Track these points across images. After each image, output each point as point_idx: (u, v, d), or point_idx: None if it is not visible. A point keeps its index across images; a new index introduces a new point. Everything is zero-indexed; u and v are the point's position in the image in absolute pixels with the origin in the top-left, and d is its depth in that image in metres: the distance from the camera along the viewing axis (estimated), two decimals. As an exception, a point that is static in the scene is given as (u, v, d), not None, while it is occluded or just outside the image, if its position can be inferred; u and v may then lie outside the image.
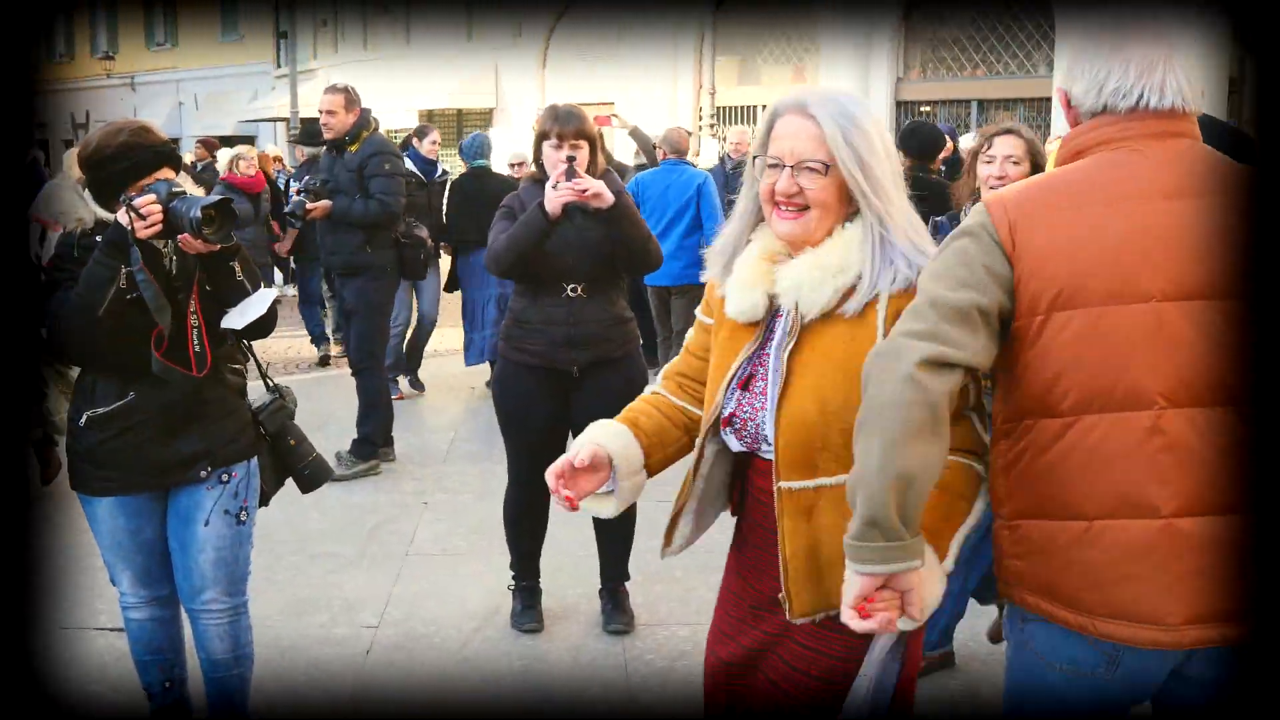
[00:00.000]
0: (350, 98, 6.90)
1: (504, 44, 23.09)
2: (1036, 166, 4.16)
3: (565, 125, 4.53)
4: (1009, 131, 4.25)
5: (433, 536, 5.82)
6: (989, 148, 4.22)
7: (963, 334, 2.02)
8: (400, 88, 22.36)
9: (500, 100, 23.61)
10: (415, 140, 9.34)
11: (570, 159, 4.37)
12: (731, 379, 2.42)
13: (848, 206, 2.34)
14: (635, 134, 10.39)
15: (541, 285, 4.46)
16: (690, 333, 2.66)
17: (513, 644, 4.56)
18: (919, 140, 6.99)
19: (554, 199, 4.30)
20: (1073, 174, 2.18)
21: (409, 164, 8.75)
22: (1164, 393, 2.03)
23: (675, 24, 20.14)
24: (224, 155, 10.22)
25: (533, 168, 4.73)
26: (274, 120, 27.11)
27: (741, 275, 2.42)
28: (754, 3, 19.69)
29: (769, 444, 2.36)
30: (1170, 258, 2.04)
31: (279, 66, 27.67)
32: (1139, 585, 2.03)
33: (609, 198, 4.32)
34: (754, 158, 2.41)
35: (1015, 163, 4.16)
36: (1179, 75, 2.17)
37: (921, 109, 18.54)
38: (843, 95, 2.36)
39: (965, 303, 2.05)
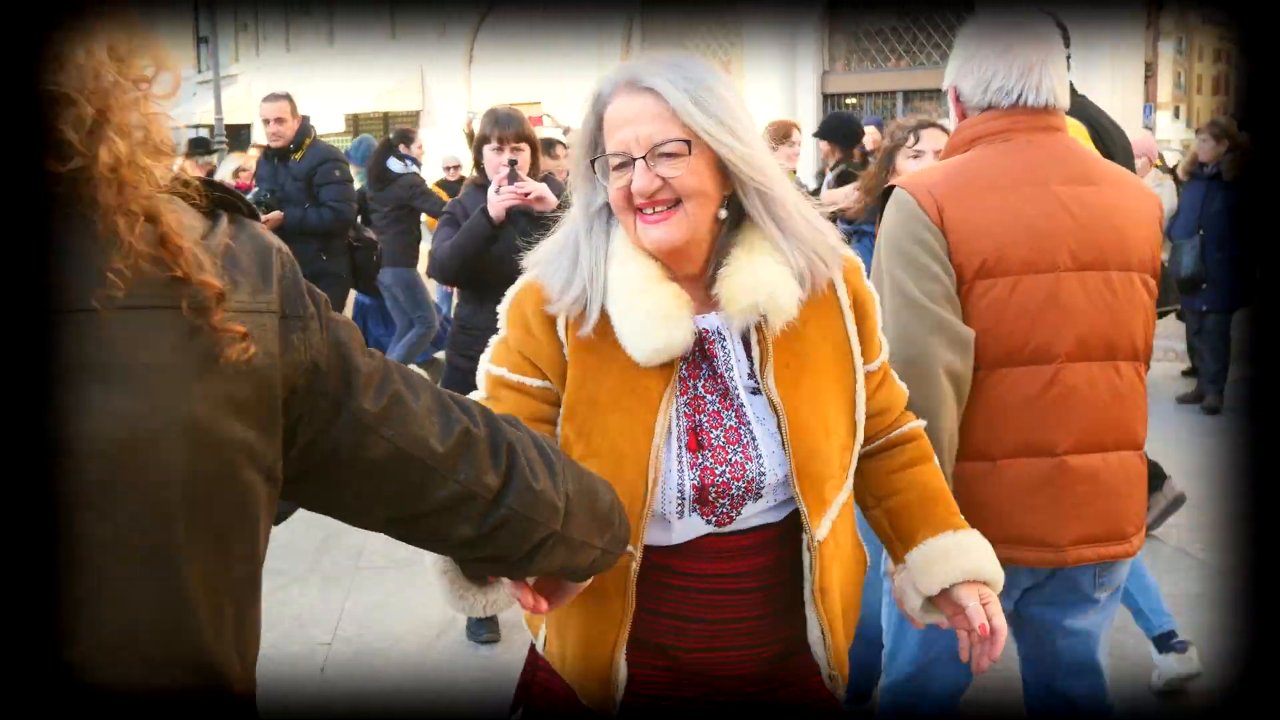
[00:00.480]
0: (293, 104, 6.88)
1: (428, 44, 22.92)
2: None
3: (505, 128, 4.50)
4: (934, 125, 3.97)
5: (383, 548, 5.74)
6: (916, 141, 3.94)
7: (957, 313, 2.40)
8: (325, 92, 22.10)
9: (427, 102, 23.44)
10: (403, 146, 9.48)
11: (512, 163, 4.34)
12: (658, 443, 1.88)
13: (723, 188, 1.89)
14: (570, 134, 10.36)
15: (488, 290, 4.41)
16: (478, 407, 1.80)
17: (471, 656, 4.51)
18: (847, 129, 7.08)
19: (497, 203, 4.26)
20: (977, 161, 2.51)
21: (409, 166, 9.16)
22: (1064, 349, 2.40)
23: (601, 20, 20.12)
24: (228, 165, 10.13)
25: (468, 172, 4.70)
26: (198, 127, 26.69)
27: (648, 306, 1.86)
28: (679, -2, 19.72)
29: (757, 498, 1.92)
30: (1072, 234, 2.41)
31: (200, 72, 27.24)
32: (1035, 514, 2.39)
33: (552, 200, 4.29)
34: (591, 161, 1.92)
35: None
36: (1052, 76, 2.50)
37: (847, 101, 18.67)
38: (677, 57, 1.89)
39: (951, 286, 2.39)
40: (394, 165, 9.03)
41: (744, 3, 18.91)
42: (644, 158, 1.82)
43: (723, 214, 1.90)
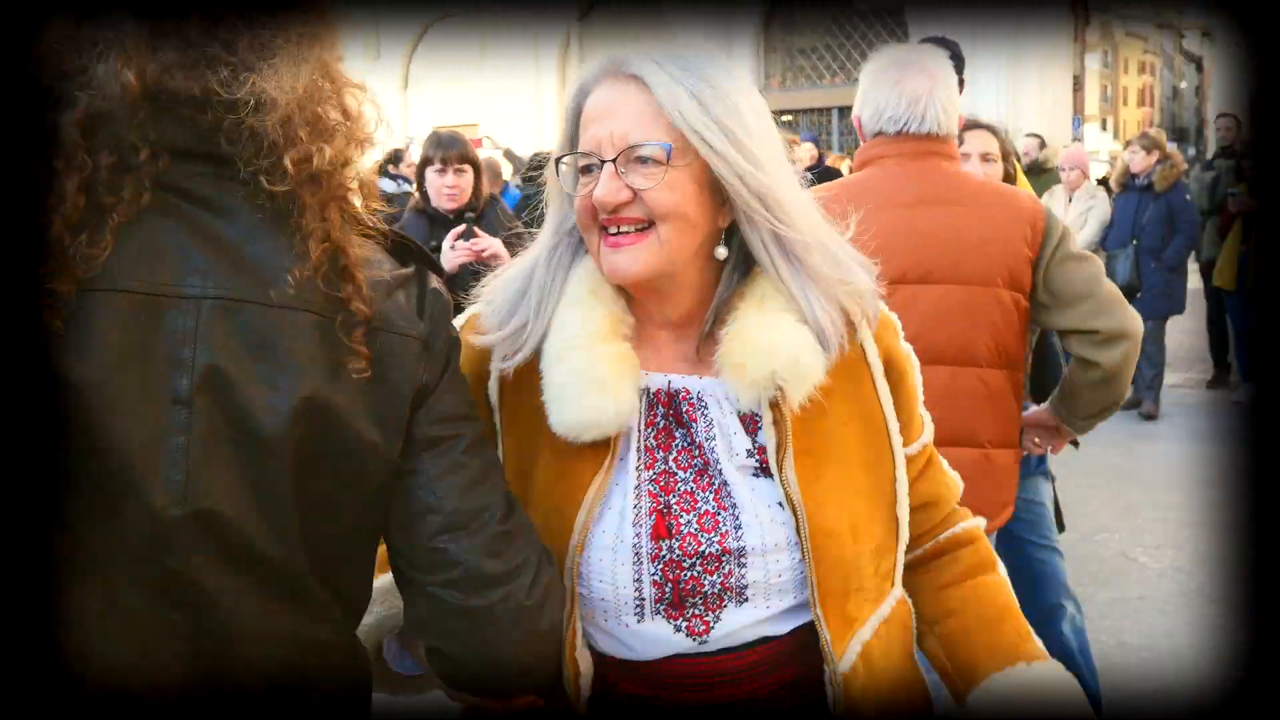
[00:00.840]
0: None
1: (363, 68, 22.77)
2: (1006, 164, 3.68)
3: (448, 150, 4.51)
4: (980, 126, 3.65)
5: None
6: (960, 145, 3.50)
7: None
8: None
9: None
10: (392, 166, 9.70)
11: (469, 219, 4.31)
12: (576, 541, 1.51)
13: (719, 217, 1.51)
14: (509, 155, 10.37)
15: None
16: (527, 530, 1.54)
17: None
18: None
19: (451, 259, 4.19)
20: (856, 183, 2.84)
21: (401, 185, 9.40)
22: (934, 352, 2.56)
23: (537, 39, 20.16)
24: None
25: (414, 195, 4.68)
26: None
27: (578, 366, 1.49)
28: (616, 15, 19.79)
29: (741, 602, 1.52)
30: (907, 251, 2.66)
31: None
32: None
33: (506, 256, 4.26)
34: (556, 160, 1.56)
35: (991, 160, 3.59)
36: (938, 107, 2.77)
37: (783, 118, 18.82)
38: (686, 49, 1.53)
39: None
40: (386, 185, 9.28)
41: (678, 21, 19.03)
42: (613, 161, 1.45)
43: (721, 251, 1.53)
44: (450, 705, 1.63)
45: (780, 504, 1.52)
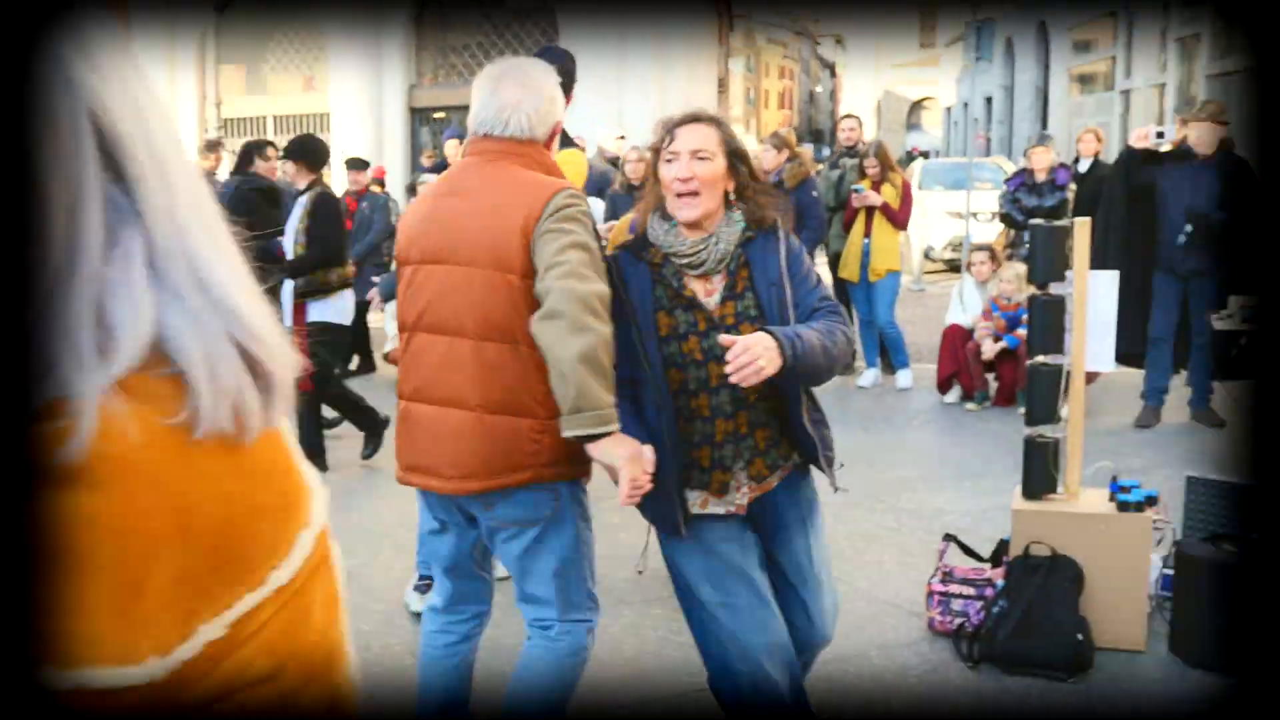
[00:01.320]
0: None
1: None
2: (739, 162, 3.17)
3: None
4: (697, 120, 3.12)
5: None
6: (670, 142, 3.08)
7: None
8: None
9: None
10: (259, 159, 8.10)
11: None
12: None
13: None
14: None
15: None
16: None
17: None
18: (316, 149, 7.17)
19: None
20: (441, 177, 3.30)
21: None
22: (411, 321, 3.07)
23: (172, 33, 19.12)
24: None
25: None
26: None
27: None
28: (257, 10, 19.04)
29: None
30: (428, 235, 3.06)
31: None
32: (423, 452, 3.03)
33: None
34: None
35: (704, 158, 3.04)
36: (523, 114, 3.03)
37: (435, 115, 18.66)
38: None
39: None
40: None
41: (326, 17, 18.52)
42: None
43: None
44: None
45: None
